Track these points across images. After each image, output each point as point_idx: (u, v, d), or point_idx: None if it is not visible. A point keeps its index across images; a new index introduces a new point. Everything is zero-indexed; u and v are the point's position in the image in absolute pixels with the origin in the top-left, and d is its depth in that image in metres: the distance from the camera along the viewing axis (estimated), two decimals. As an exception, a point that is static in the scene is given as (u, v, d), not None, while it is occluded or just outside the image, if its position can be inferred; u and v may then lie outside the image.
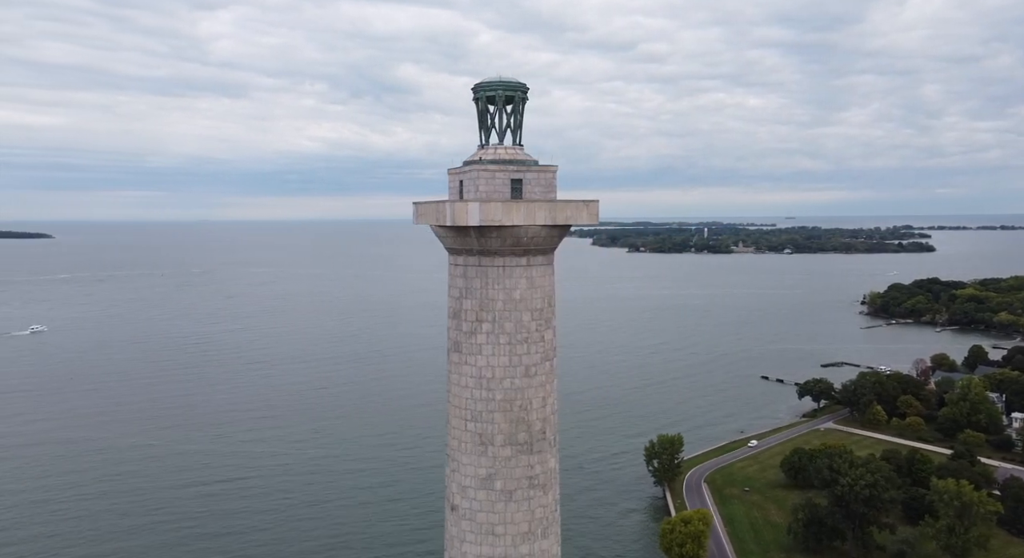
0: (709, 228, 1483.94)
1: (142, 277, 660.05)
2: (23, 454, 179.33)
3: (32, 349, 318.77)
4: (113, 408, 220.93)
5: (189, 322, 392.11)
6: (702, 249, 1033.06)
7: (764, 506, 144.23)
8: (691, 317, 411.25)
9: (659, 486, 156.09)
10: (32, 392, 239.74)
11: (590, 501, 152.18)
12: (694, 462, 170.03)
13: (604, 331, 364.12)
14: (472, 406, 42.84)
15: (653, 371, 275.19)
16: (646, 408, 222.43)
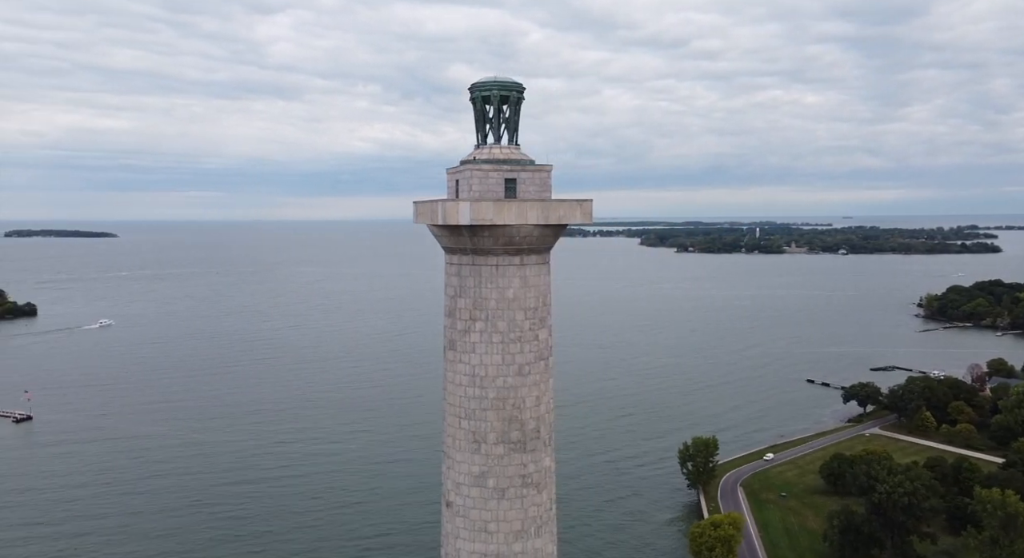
0: (761, 228, 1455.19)
1: (197, 275, 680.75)
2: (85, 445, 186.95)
3: (101, 342, 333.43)
4: (166, 402, 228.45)
5: (239, 320, 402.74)
6: (753, 249, 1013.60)
7: (801, 512, 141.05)
8: (737, 319, 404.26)
9: (693, 489, 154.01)
10: (102, 384, 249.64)
11: (623, 502, 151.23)
12: (731, 465, 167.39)
13: (648, 332, 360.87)
14: (466, 404, 43.10)
15: (695, 372, 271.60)
16: (686, 410, 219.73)
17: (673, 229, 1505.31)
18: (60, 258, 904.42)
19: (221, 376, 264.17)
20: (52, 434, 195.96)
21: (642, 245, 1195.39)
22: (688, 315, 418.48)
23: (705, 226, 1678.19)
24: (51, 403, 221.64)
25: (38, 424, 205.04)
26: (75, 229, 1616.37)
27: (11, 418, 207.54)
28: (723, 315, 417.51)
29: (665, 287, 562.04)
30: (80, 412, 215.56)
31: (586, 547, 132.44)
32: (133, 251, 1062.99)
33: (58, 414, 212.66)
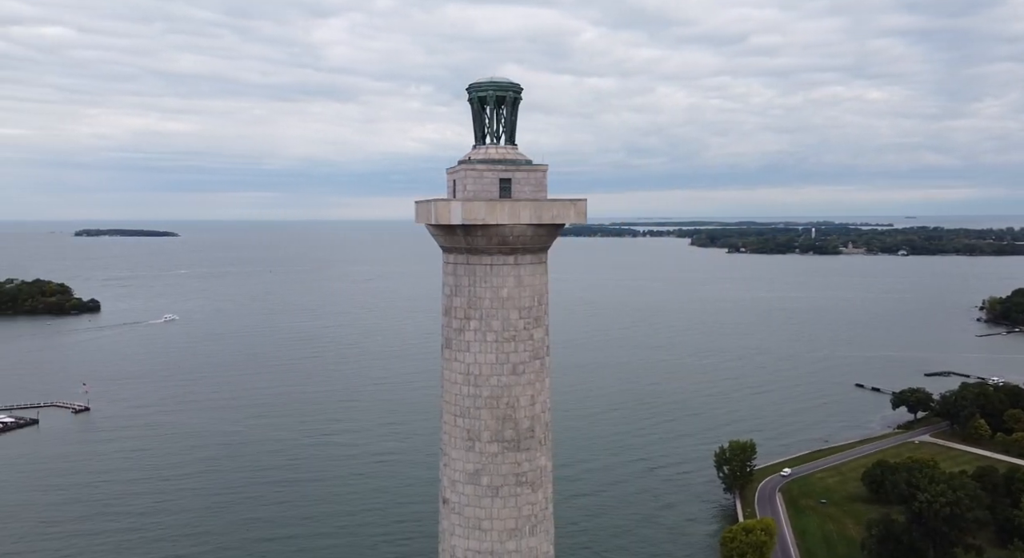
0: (817, 228, 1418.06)
1: (253, 274, 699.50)
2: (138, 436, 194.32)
3: (162, 336, 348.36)
4: (217, 396, 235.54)
5: (289, 318, 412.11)
6: (807, 250, 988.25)
7: (841, 519, 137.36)
8: (787, 321, 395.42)
9: (729, 493, 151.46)
10: (158, 377, 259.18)
11: (657, 505, 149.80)
12: (772, 470, 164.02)
13: (694, 334, 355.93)
14: (461, 402, 43.42)
15: (741, 375, 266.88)
16: (729, 413, 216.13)
17: (725, 229, 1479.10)
18: (124, 256, 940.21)
19: (269, 372, 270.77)
20: (107, 425, 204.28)
21: (692, 245, 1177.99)
22: (736, 317, 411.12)
23: (759, 226, 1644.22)
24: (108, 395, 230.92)
25: (95, 415, 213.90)
26: (140, 228, 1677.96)
27: (70, 409, 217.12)
28: (772, 317, 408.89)
29: (713, 288, 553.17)
30: (135, 404, 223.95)
31: (617, 546, 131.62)
32: (193, 250, 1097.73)
33: (114, 406, 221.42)
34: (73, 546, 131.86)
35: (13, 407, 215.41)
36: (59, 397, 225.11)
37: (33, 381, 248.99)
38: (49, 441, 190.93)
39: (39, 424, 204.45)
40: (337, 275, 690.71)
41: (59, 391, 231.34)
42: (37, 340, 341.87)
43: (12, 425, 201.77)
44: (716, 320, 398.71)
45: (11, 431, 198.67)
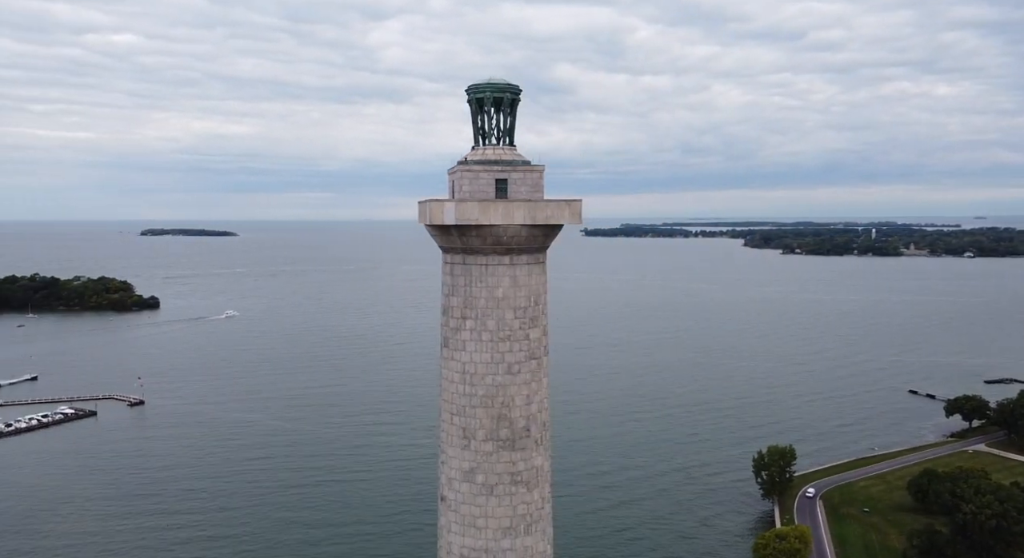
0: (879, 229, 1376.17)
1: (307, 273, 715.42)
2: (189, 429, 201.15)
3: (219, 332, 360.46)
4: (265, 391, 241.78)
5: (340, 316, 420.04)
6: (866, 251, 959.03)
7: (883, 529, 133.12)
8: (841, 324, 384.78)
9: (767, 499, 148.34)
10: (211, 372, 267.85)
11: (695, 509, 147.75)
12: (813, 477, 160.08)
13: (741, 336, 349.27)
14: (457, 400, 43.89)
15: (790, 379, 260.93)
16: (775, 417, 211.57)
17: (780, 230, 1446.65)
18: (185, 255, 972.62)
19: (317, 369, 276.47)
20: (159, 418, 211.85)
21: (745, 246, 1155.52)
22: (787, 320, 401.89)
23: (816, 227, 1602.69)
24: (162, 389, 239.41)
25: (149, 408, 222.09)
26: (200, 228, 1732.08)
27: (126, 402, 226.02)
28: (825, 320, 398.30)
29: (764, 290, 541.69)
30: (187, 399, 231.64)
31: (648, 547, 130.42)
32: (250, 249, 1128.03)
33: (167, 399, 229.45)
34: (120, 533, 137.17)
35: (74, 399, 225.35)
36: (116, 390, 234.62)
37: (93, 375, 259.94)
38: (105, 432, 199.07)
39: (97, 416, 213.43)
40: (386, 274, 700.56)
41: (116, 385, 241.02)
42: (99, 335, 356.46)
43: (72, 416, 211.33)
44: (766, 322, 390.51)
45: (71, 422, 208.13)
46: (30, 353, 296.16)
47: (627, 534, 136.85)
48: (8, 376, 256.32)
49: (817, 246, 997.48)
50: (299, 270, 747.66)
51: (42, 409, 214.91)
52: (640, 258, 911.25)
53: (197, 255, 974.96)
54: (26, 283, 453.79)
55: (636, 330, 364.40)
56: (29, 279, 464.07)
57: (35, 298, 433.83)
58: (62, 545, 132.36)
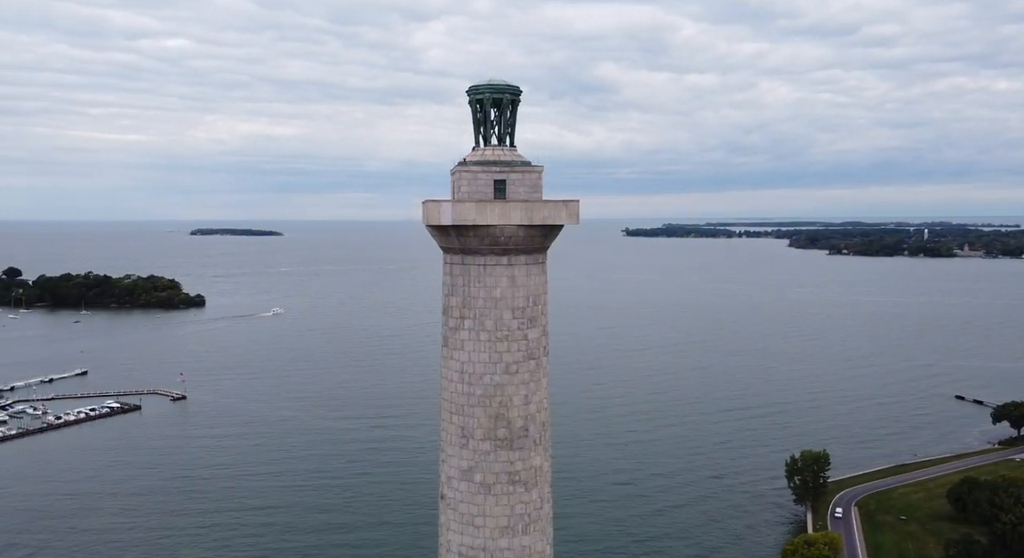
0: (932, 229, 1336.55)
1: (350, 272, 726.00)
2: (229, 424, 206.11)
3: (266, 329, 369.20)
4: (303, 387, 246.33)
5: (379, 316, 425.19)
6: (917, 252, 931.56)
7: (921, 538, 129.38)
8: (887, 326, 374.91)
9: (800, 505, 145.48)
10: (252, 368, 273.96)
11: (725, 512, 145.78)
12: (851, 482, 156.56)
13: (780, 339, 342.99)
14: (456, 400, 44.24)
15: (831, 383, 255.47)
16: (815, 421, 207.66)
17: (828, 230, 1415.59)
18: (232, 254, 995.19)
19: (356, 367, 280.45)
20: (200, 413, 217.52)
21: (790, 247, 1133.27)
22: (829, 322, 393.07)
23: (866, 227, 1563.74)
24: (204, 385, 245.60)
25: (191, 403, 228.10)
26: (247, 228, 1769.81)
27: (169, 397, 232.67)
28: (870, 323, 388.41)
29: (807, 292, 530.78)
30: (227, 394, 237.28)
31: (676, 548, 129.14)
32: (295, 249, 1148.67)
33: (208, 395, 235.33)
34: (157, 523, 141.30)
35: (120, 394, 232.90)
36: (160, 385, 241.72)
37: (139, 370, 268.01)
38: (148, 426, 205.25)
39: (141, 410, 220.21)
40: (425, 274, 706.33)
41: (161, 380, 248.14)
42: (146, 332, 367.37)
43: (118, 410, 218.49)
44: (807, 325, 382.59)
45: (117, 415, 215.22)
46: (81, 349, 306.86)
47: (653, 536, 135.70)
48: (60, 371, 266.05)
49: (865, 247, 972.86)
50: (342, 269, 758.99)
51: (90, 403, 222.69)
52: (681, 258, 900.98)
53: (243, 254, 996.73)
54: (80, 281, 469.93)
55: (674, 331, 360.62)
56: (83, 277, 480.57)
57: (88, 296, 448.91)
58: (103, 533, 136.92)
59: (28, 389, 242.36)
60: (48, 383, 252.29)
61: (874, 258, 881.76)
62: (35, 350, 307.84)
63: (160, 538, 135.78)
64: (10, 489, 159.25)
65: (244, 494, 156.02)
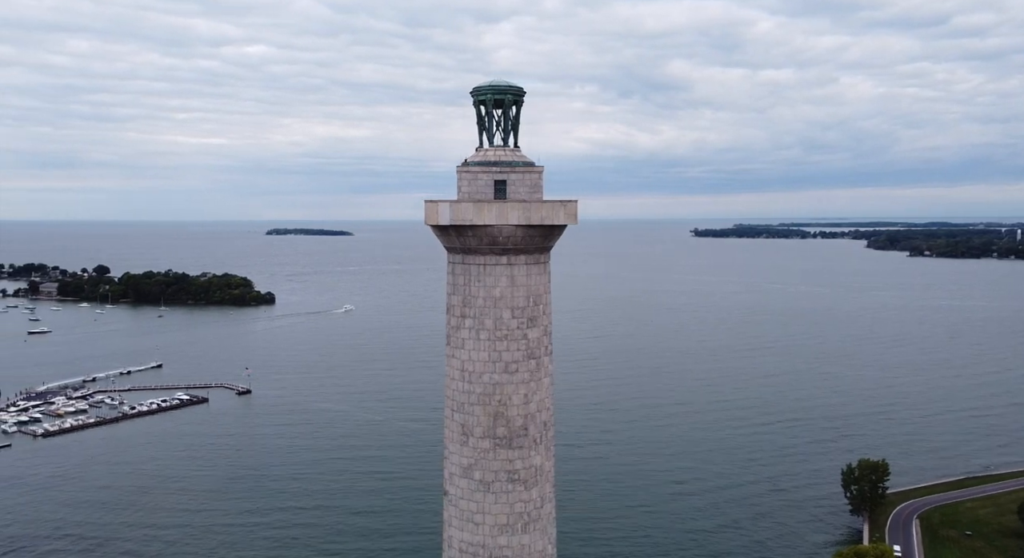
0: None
1: (416, 272, 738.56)
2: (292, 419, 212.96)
3: (333, 326, 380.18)
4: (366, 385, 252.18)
5: (440, 314, 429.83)
6: (1008, 254, 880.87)
7: (986, 554, 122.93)
8: (969, 333, 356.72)
9: (856, 515, 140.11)
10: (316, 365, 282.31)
11: (776, 520, 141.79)
12: (915, 494, 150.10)
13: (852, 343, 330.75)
14: (457, 397, 44.89)
15: (901, 390, 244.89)
16: (883, 429, 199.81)
17: (910, 230, 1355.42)
18: (304, 253, 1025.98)
19: (414, 365, 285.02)
20: (263, 406, 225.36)
21: (868, 248, 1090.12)
22: (903, 328, 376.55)
23: (953, 227, 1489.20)
24: (268, 379, 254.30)
25: (255, 397, 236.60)
26: (320, 228, 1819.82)
27: (235, 390, 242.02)
28: (950, 328, 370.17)
29: (881, 295, 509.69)
30: (289, 389, 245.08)
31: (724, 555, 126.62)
32: (364, 248, 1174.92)
33: (271, 389, 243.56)
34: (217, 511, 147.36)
35: (190, 386, 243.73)
36: (227, 379, 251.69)
37: (208, 364, 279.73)
38: (213, 418, 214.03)
39: (209, 402, 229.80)
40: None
41: (228, 374, 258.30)
42: (217, 328, 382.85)
43: (187, 402, 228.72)
44: (880, 329, 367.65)
45: (186, 407, 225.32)
46: (157, 343, 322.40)
47: (702, 539, 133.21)
48: (138, 363, 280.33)
49: (950, 248, 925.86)
50: (407, 268, 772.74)
51: (162, 394, 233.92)
52: (750, 259, 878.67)
53: (315, 253, 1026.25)
54: (160, 279, 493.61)
55: (741, 335, 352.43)
56: (163, 275, 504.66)
57: (167, 292, 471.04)
58: (168, 519, 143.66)
59: (108, 380, 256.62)
60: (126, 375, 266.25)
61: (960, 260, 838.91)
62: (117, 344, 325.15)
63: (219, 525, 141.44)
64: (83, 473, 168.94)
65: (296, 488, 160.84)
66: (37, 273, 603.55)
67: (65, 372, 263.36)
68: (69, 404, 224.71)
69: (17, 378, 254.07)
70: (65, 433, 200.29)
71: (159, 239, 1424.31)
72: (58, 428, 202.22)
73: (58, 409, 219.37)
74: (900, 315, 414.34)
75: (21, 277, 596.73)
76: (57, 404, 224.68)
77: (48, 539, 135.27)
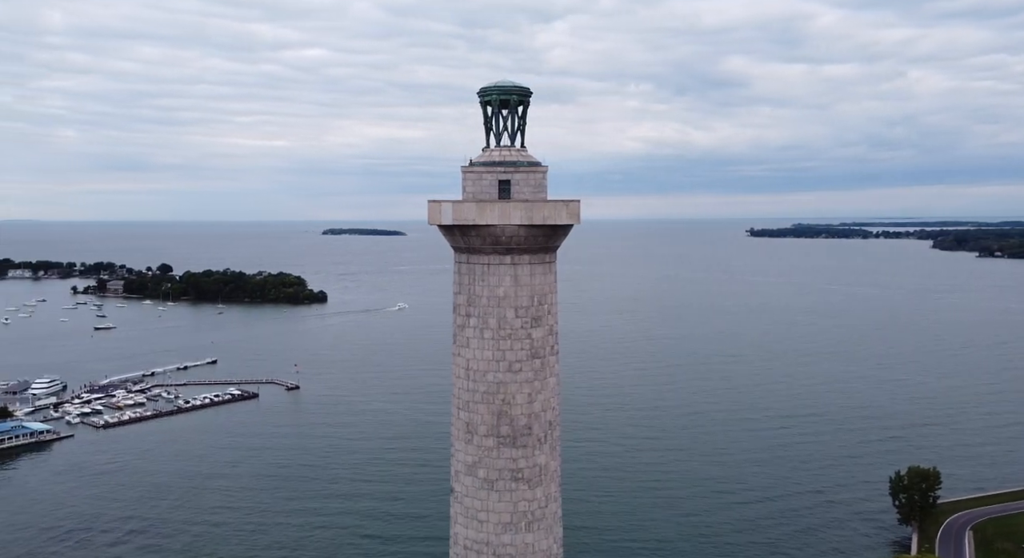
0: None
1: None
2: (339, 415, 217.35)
3: (398, 322, 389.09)
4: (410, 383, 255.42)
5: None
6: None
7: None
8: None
9: (905, 525, 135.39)
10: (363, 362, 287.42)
11: (821, 528, 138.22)
12: (969, 504, 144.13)
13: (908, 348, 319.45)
14: (462, 396, 45.38)
15: (961, 398, 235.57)
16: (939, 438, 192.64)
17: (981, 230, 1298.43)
18: (359, 253, 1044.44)
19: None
20: (311, 402, 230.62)
21: (934, 248, 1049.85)
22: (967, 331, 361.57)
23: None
24: (316, 376, 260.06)
25: (304, 393, 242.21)
26: (374, 228, 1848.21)
27: (284, 386, 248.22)
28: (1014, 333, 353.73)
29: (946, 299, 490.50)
30: (336, 385, 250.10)
31: None
32: (416, 248, 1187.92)
33: (319, 386, 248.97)
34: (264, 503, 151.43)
35: (242, 382, 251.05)
36: (277, 375, 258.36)
37: (260, 360, 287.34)
38: (262, 413, 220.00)
39: (259, 398, 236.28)
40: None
41: (278, 370, 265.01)
42: (271, 325, 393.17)
43: (238, 397, 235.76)
44: (943, 333, 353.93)
45: (237, 402, 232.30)
46: (213, 340, 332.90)
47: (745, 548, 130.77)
48: (194, 359, 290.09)
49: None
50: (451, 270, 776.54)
51: (215, 389, 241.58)
52: (807, 260, 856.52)
53: (368, 253, 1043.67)
54: (218, 277, 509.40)
55: (795, 338, 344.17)
56: (221, 274, 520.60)
57: (225, 291, 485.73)
58: (216, 509, 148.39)
59: (165, 375, 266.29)
60: (183, 370, 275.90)
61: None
62: (176, 340, 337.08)
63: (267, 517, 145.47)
64: (140, 464, 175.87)
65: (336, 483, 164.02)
66: (105, 271, 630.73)
67: (127, 366, 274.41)
68: (129, 397, 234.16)
69: (83, 372, 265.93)
70: (124, 425, 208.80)
71: (220, 239, 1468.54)
72: (117, 420, 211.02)
73: (118, 402, 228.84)
74: (965, 318, 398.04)
75: (91, 275, 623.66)
76: (118, 397, 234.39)
77: (106, 524, 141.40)
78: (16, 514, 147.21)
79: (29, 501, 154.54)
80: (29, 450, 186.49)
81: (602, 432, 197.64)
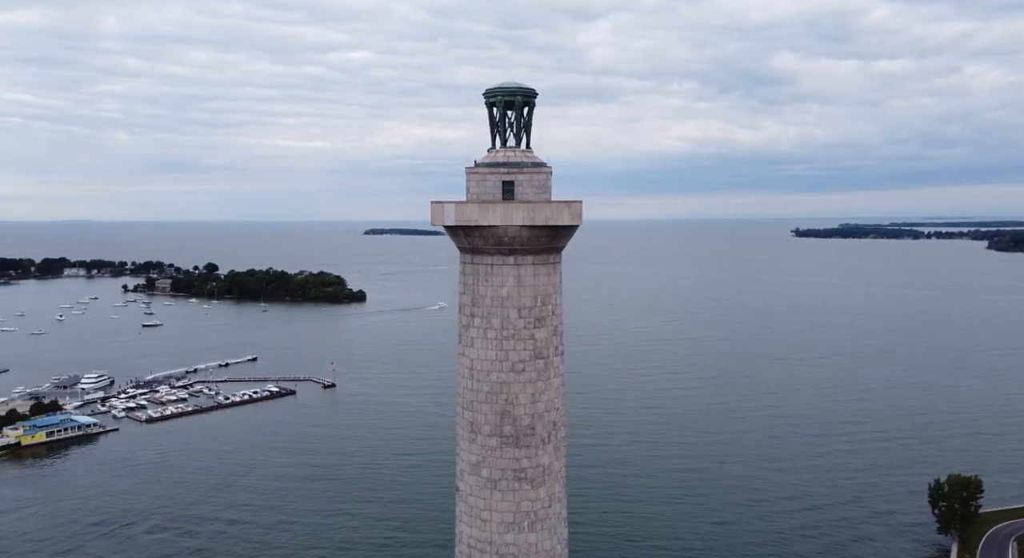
0: None
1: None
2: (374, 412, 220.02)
3: (435, 321, 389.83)
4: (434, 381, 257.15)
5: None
6: None
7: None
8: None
9: (944, 534, 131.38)
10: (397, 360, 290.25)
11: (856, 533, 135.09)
12: (1013, 514, 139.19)
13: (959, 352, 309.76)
14: (466, 395, 45.77)
15: (1008, 403, 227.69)
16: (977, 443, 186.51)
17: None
18: (400, 252, 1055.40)
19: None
20: (346, 400, 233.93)
21: (989, 249, 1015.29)
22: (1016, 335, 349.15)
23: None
24: (352, 374, 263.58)
25: (339, 391, 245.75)
26: (414, 228, 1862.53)
27: (320, 384, 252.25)
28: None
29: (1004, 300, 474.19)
30: (370, 383, 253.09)
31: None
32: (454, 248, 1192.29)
33: (354, 383, 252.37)
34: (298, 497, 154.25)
35: (280, 379, 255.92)
36: (314, 373, 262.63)
37: (298, 358, 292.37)
38: (299, 410, 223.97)
39: (296, 395, 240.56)
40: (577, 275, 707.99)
41: (315, 368, 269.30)
42: (310, 324, 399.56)
43: (276, 394, 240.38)
44: (998, 337, 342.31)
45: (274, 399, 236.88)
46: (254, 337, 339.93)
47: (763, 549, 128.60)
48: (235, 356, 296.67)
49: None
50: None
51: (254, 386, 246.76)
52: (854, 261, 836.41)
53: (408, 252, 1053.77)
54: (261, 276, 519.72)
55: (840, 341, 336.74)
56: (264, 273, 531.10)
57: (267, 290, 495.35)
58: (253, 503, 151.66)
59: (207, 371, 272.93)
60: (224, 367, 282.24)
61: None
62: (219, 337, 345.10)
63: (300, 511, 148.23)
64: (181, 458, 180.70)
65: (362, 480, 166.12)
66: (154, 270, 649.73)
67: (171, 363, 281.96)
68: (172, 393, 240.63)
69: (130, 368, 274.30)
70: (167, 419, 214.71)
71: (265, 239, 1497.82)
72: (160, 415, 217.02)
73: (162, 397, 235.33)
74: (1019, 321, 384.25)
75: (141, 274, 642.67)
76: (161, 392, 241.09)
77: (148, 516, 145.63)
78: (60, 501, 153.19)
79: (75, 488, 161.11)
80: (78, 442, 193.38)
81: (633, 434, 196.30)
